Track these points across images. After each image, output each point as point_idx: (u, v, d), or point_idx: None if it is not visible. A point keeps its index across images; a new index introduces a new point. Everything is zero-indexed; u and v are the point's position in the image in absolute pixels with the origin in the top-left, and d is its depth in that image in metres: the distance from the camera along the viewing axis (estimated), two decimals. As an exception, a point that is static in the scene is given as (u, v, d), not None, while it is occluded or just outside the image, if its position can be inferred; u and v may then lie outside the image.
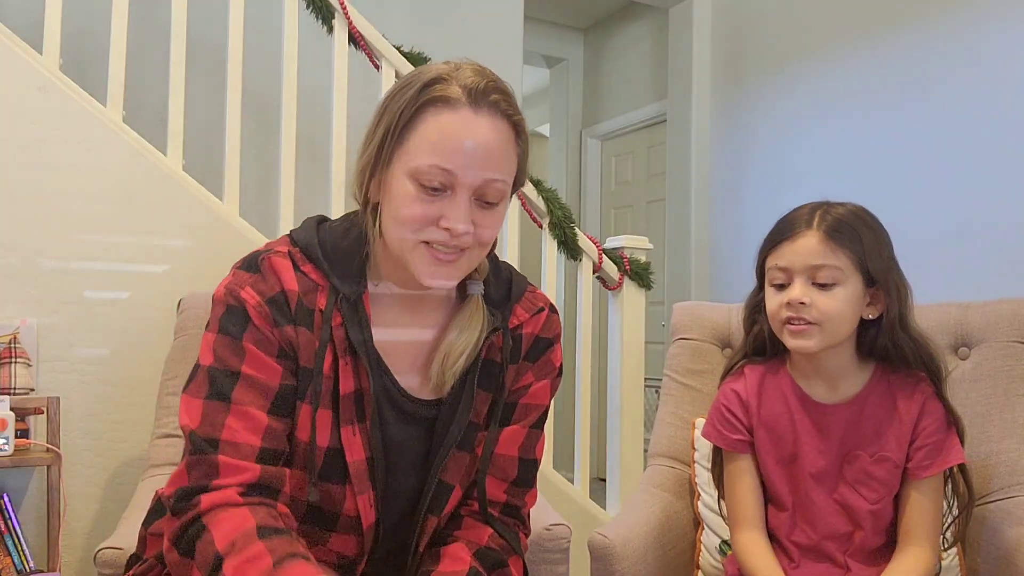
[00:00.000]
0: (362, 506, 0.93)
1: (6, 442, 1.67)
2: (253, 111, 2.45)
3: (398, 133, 0.88)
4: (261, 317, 0.89)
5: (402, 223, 0.88)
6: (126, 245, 1.96)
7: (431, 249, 0.89)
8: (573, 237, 2.57)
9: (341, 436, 0.91)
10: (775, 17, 3.74)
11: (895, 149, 3.19)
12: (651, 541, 1.41)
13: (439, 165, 0.86)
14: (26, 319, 1.85)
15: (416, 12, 3.24)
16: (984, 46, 2.92)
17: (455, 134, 0.87)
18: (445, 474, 0.97)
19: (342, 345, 0.91)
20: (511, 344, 0.99)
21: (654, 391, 3.85)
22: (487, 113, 0.88)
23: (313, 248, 0.93)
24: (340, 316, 0.91)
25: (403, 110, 0.88)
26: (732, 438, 1.25)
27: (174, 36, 2.10)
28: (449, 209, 0.87)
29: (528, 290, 1.05)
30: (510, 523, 1.02)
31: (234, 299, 0.90)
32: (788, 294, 1.13)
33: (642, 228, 4.62)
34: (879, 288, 1.14)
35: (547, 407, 1.05)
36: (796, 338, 1.14)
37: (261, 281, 0.91)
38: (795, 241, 1.13)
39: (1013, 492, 1.36)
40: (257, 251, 0.94)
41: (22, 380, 1.77)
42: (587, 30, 5.10)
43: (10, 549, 1.71)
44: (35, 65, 1.91)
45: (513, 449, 1.02)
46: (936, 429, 1.16)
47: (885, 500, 1.17)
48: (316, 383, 0.90)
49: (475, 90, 0.88)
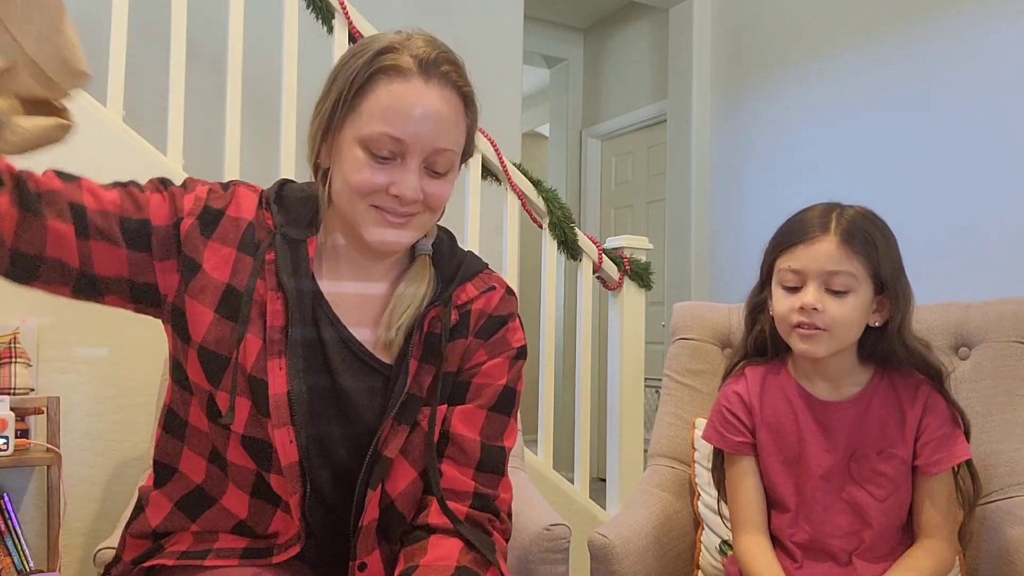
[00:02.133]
0: (280, 441, 0.91)
1: (6, 442, 1.67)
2: (253, 111, 2.45)
3: (349, 99, 0.90)
4: (190, 205, 0.93)
5: (352, 189, 0.90)
6: (126, 245, 1.96)
7: (380, 212, 0.91)
8: (573, 237, 2.57)
9: (268, 368, 0.92)
10: (775, 17, 3.74)
11: (895, 149, 3.19)
12: (651, 541, 1.41)
13: (389, 134, 0.88)
14: (26, 319, 1.85)
15: (416, 12, 3.24)
16: (983, 46, 2.92)
17: (406, 103, 0.88)
18: (382, 445, 0.94)
19: (272, 280, 0.93)
20: (456, 318, 0.99)
21: (654, 391, 3.85)
22: (437, 83, 0.90)
23: (271, 196, 0.97)
24: (273, 254, 0.93)
25: (354, 77, 0.90)
26: (734, 440, 1.24)
27: (174, 36, 2.10)
28: (399, 176, 0.89)
29: (483, 271, 1.04)
30: (482, 520, 0.97)
31: (190, 181, 0.95)
32: (801, 298, 1.12)
33: (642, 228, 4.62)
34: (886, 295, 1.14)
35: (506, 388, 1.01)
36: (805, 343, 1.13)
37: (219, 196, 0.95)
38: (811, 245, 1.12)
39: (1013, 492, 1.36)
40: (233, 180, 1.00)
41: (22, 380, 1.77)
42: (587, 30, 5.10)
43: (10, 549, 1.71)
44: (35, 65, 1.91)
45: (473, 431, 0.99)
46: (941, 424, 1.16)
47: (893, 498, 1.17)
48: (246, 308, 0.91)
49: (426, 60, 0.90)
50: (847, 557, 1.18)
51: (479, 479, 0.98)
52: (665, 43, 4.32)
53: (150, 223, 0.91)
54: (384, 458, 0.95)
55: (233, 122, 2.15)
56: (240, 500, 0.96)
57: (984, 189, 2.89)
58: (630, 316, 2.69)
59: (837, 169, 3.40)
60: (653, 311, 3.59)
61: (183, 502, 0.99)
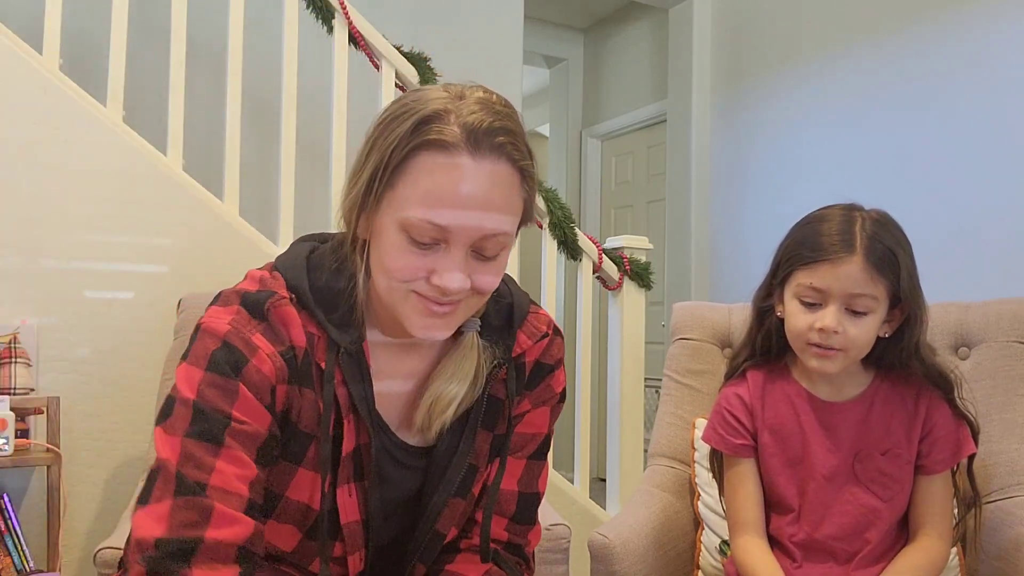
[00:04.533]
0: (352, 564, 0.89)
1: (6, 442, 1.67)
2: (253, 111, 2.45)
3: (388, 175, 0.77)
4: (275, 368, 0.80)
5: (390, 274, 0.79)
6: (126, 245, 1.97)
7: (423, 299, 0.80)
8: (573, 237, 2.57)
9: (337, 496, 0.85)
10: (775, 17, 3.74)
11: (895, 149, 3.19)
12: (651, 541, 1.41)
13: (431, 220, 0.76)
14: (26, 319, 1.85)
15: (416, 12, 3.24)
16: (984, 46, 2.92)
17: (450, 186, 0.75)
18: (439, 523, 0.90)
19: (345, 403, 0.84)
20: (515, 376, 0.91)
21: (654, 391, 3.85)
22: (489, 159, 0.77)
23: (305, 294, 0.83)
24: (341, 372, 0.83)
25: (394, 149, 0.77)
26: (735, 443, 1.23)
27: (174, 36, 2.10)
28: (442, 264, 0.78)
29: (531, 312, 0.95)
30: (512, 561, 0.96)
31: (241, 341, 0.79)
32: (821, 320, 1.09)
33: (642, 228, 4.62)
34: (900, 308, 1.12)
35: (547, 435, 0.98)
36: (820, 360, 1.12)
37: (270, 331, 0.81)
38: (837, 266, 1.08)
39: (1013, 492, 1.36)
40: (258, 293, 0.83)
41: (22, 380, 1.77)
42: (587, 30, 5.10)
43: (10, 549, 1.71)
44: (35, 65, 1.91)
45: (512, 483, 0.95)
46: (946, 423, 1.16)
47: (899, 497, 1.17)
48: (324, 449, 0.83)
49: (477, 130, 0.76)
50: (848, 558, 1.17)
51: (512, 529, 0.96)
52: (665, 43, 4.32)
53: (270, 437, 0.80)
54: (439, 535, 0.92)
55: (233, 122, 2.15)
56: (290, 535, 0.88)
57: (984, 189, 2.89)
58: (630, 316, 2.69)
59: (837, 169, 3.40)
60: (653, 311, 3.59)
61: None
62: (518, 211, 0.82)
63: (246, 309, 0.82)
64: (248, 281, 0.86)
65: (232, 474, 0.75)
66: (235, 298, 0.83)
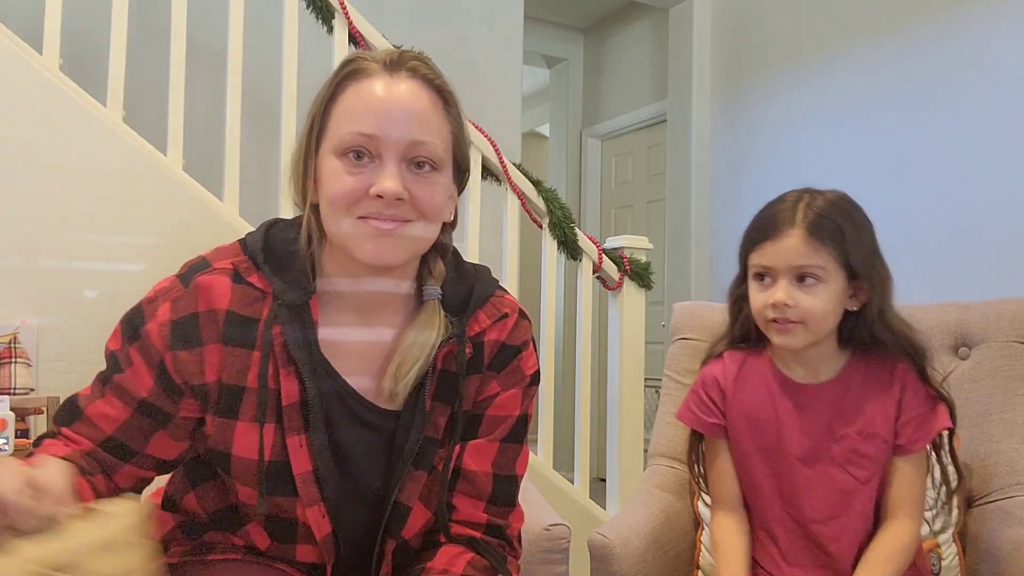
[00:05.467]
0: (313, 518, 0.90)
1: (6, 442, 1.67)
2: (253, 111, 2.45)
3: (321, 117, 0.88)
4: (160, 337, 0.88)
5: (335, 202, 0.86)
6: (126, 245, 1.96)
7: (367, 221, 0.85)
8: (573, 237, 2.57)
9: (287, 447, 0.88)
10: (775, 17, 3.74)
11: (895, 149, 3.19)
12: (651, 541, 1.41)
13: (359, 131, 0.85)
14: (26, 319, 1.85)
15: (416, 12, 3.24)
16: (984, 46, 2.92)
17: (373, 98, 0.86)
18: (402, 494, 0.92)
19: (283, 355, 0.88)
20: (470, 352, 0.94)
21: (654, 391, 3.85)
22: (405, 77, 0.88)
23: (258, 255, 0.91)
24: (279, 325, 0.88)
25: (323, 94, 0.88)
26: (708, 421, 1.25)
27: (174, 36, 2.10)
28: (377, 175, 0.85)
29: (495, 295, 0.98)
30: (493, 544, 0.96)
31: (150, 308, 0.90)
32: (772, 296, 1.12)
33: (642, 228, 4.62)
34: (862, 280, 1.13)
35: (521, 417, 0.98)
36: (782, 336, 1.14)
37: (184, 298, 0.89)
38: (778, 241, 1.12)
39: (1013, 492, 1.36)
40: (202, 259, 0.93)
41: (22, 380, 1.77)
42: (587, 30, 5.10)
43: (10, 549, 1.71)
44: (35, 65, 1.91)
45: (486, 464, 0.96)
46: (920, 402, 1.16)
47: (875, 478, 1.17)
48: (262, 397, 0.87)
49: (391, 60, 0.88)
50: (830, 541, 1.18)
51: (491, 511, 0.96)
52: (665, 43, 4.32)
53: (146, 400, 0.89)
54: (403, 506, 0.93)
55: (233, 122, 2.15)
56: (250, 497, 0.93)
57: (984, 189, 2.89)
58: (630, 316, 2.69)
59: (837, 169, 3.40)
60: (653, 311, 3.59)
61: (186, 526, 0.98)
62: (446, 130, 0.90)
63: (179, 279, 0.92)
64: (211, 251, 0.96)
65: (100, 412, 0.89)
66: (183, 268, 0.94)
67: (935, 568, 1.34)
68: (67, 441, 0.89)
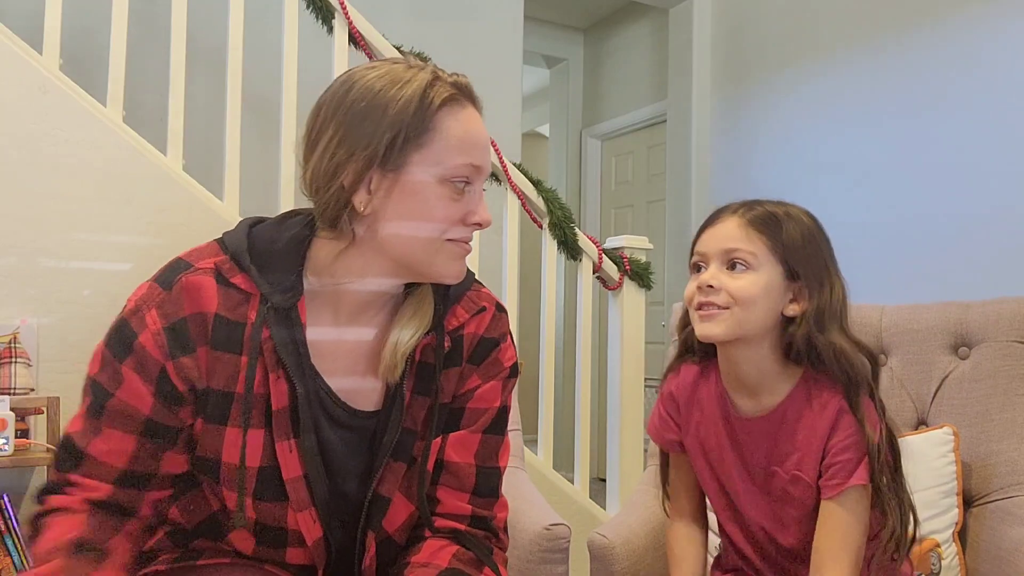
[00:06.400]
0: (304, 523, 0.90)
1: (6, 442, 1.67)
2: (253, 111, 2.45)
3: (417, 136, 0.84)
4: (156, 347, 0.85)
5: (434, 226, 0.87)
6: (126, 245, 1.97)
7: (458, 244, 0.89)
8: (573, 237, 2.57)
9: (276, 453, 0.88)
10: (775, 17, 3.74)
11: (895, 148, 3.19)
12: (651, 541, 1.41)
13: (472, 163, 0.87)
14: (26, 319, 1.85)
15: (416, 12, 3.24)
16: (984, 47, 2.92)
17: (474, 130, 0.88)
18: (381, 486, 0.92)
19: (272, 359, 0.87)
20: (448, 345, 0.94)
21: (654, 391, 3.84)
22: (476, 107, 0.91)
23: (243, 256, 0.88)
24: (268, 328, 0.87)
25: (418, 109, 0.84)
26: (667, 437, 1.24)
27: (174, 36, 2.11)
28: (473, 204, 0.89)
29: (472, 289, 0.99)
30: (480, 536, 0.96)
31: (137, 320, 0.86)
32: (700, 277, 1.10)
33: (642, 228, 4.62)
34: (803, 284, 1.08)
35: (501, 409, 0.99)
36: (704, 323, 1.09)
37: (169, 302, 0.86)
38: (714, 226, 1.11)
39: (1013, 492, 1.36)
40: (179, 260, 0.89)
41: (22, 380, 1.77)
42: (587, 30, 5.10)
43: (10, 549, 1.72)
44: (35, 65, 1.91)
45: (468, 456, 0.96)
46: (846, 447, 1.07)
47: (811, 517, 1.11)
48: (247, 403, 0.86)
49: (463, 86, 0.89)
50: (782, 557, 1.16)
51: (476, 503, 0.97)
52: (665, 43, 4.31)
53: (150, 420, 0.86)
54: (382, 498, 0.93)
55: (233, 122, 2.15)
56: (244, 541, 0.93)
57: (984, 189, 2.89)
58: (630, 316, 2.69)
59: (837, 169, 3.40)
60: (653, 311, 3.59)
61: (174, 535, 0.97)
62: None
63: (158, 282, 0.88)
64: (186, 252, 0.92)
65: (105, 450, 0.86)
66: (158, 272, 0.90)
67: (935, 568, 1.34)
68: (79, 490, 0.85)
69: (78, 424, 0.89)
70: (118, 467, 0.86)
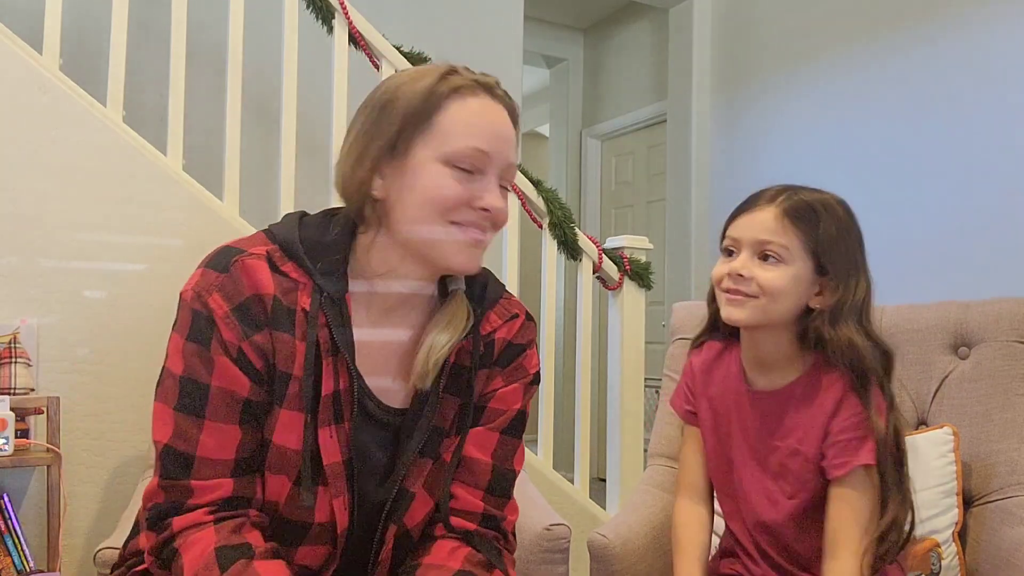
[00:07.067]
0: (338, 509, 0.91)
1: (6, 442, 1.67)
2: (253, 111, 2.45)
3: (422, 121, 0.88)
4: (228, 329, 0.86)
5: (435, 204, 0.87)
6: (126, 245, 1.97)
7: (463, 228, 0.89)
8: (573, 237, 2.57)
9: (318, 438, 0.89)
10: (775, 18, 3.74)
11: (895, 148, 3.19)
12: (651, 541, 1.41)
13: (478, 147, 0.88)
14: (26, 319, 1.85)
15: (416, 12, 3.24)
16: (984, 47, 2.92)
17: (488, 117, 0.89)
18: (407, 480, 0.94)
19: (326, 345, 0.89)
20: (482, 349, 0.97)
21: (654, 391, 3.85)
22: (499, 102, 0.92)
23: (295, 245, 0.90)
24: (324, 315, 0.89)
25: (425, 98, 0.88)
26: (684, 408, 1.29)
27: (174, 36, 2.10)
28: (483, 190, 0.89)
29: (504, 297, 1.02)
30: (489, 537, 0.97)
31: (201, 305, 0.87)
32: (731, 264, 1.12)
33: (642, 228, 4.62)
34: (829, 279, 1.10)
35: (519, 412, 1.01)
36: (730, 307, 1.12)
37: (230, 283, 0.87)
38: (751, 214, 1.12)
39: (1013, 492, 1.36)
40: (229, 247, 0.91)
41: (22, 380, 1.77)
42: (587, 30, 5.10)
43: (10, 549, 1.72)
44: (35, 65, 1.91)
45: (485, 454, 0.98)
46: (850, 426, 1.10)
47: (802, 497, 1.13)
48: (306, 386, 0.88)
49: (484, 82, 0.91)
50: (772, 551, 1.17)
51: (489, 501, 0.98)
52: (665, 43, 4.32)
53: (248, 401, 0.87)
54: (408, 492, 0.95)
55: (233, 122, 2.15)
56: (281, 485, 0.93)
57: (984, 189, 2.89)
58: (630, 316, 2.69)
59: (837, 168, 3.40)
60: (653, 311, 3.59)
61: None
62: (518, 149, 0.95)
63: (211, 267, 0.89)
64: (232, 241, 0.93)
65: (213, 444, 0.86)
66: (206, 259, 0.90)
67: (935, 567, 1.34)
68: (200, 495, 0.85)
69: (167, 429, 0.86)
70: (230, 459, 0.86)
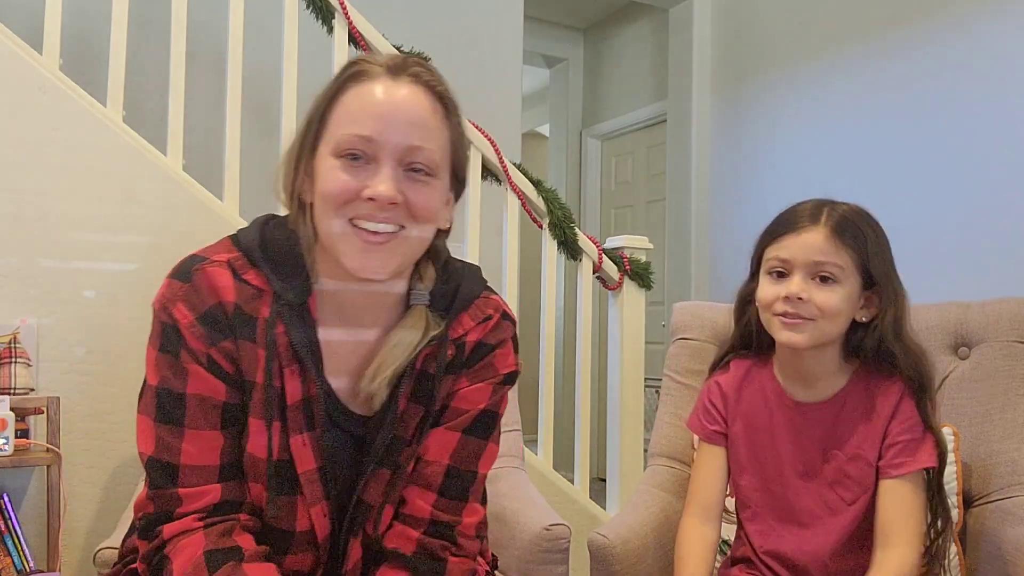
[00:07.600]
0: (316, 517, 0.90)
1: (6, 442, 1.67)
2: (253, 111, 2.45)
3: (320, 116, 0.87)
4: (195, 338, 0.86)
5: (327, 199, 0.85)
6: (126, 245, 1.96)
7: (359, 231, 0.84)
8: (573, 237, 2.57)
9: (291, 446, 0.88)
10: (775, 17, 3.74)
11: (895, 149, 3.19)
12: (651, 541, 1.41)
13: (357, 133, 0.84)
14: (26, 319, 1.85)
15: (416, 12, 3.24)
16: (984, 47, 2.92)
17: (373, 100, 0.85)
18: (365, 492, 0.92)
19: (287, 353, 0.87)
20: (451, 354, 0.93)
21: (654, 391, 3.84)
22: (407, 82, 0.87)
23: (255, 252, 0.89)
24: (283, 324, 0.87)
25: (326, 93, 0.88)
26: (709, 428, 1.26)
27: (174, 36, 2.10)
28: (370, 177, 0.84)
29: (480, 296, 0.97)
30: (434, 547, 0.92)
31: (167, 316, 0.86)
32: (787, 287, 1.10)
33: (642, 228, 4.62)
34: (875, 291, 1.12)
35: (485, 412, 0.96)
36: (788, 331, 1.11)
37: (193, 293, 0.86)
38: (800, 235, 1.11)
39: (1013, 492, 1.36)
40: (193, 256, 0.90)
41: (22, 380, 1.77)
42: (587, 30, 5.09)
43: (10, 549, 1.71)
44: (35, 65, 1.91)
45: (442, 455, 0.94)
46: (908, 428, 1.13)
47: (862, 501, 1.15)
48: (268, 395, 0.86)
49: (394, 64, 0.88)
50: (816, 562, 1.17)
51: (439, 505, 0.93)
52: (665, 43, 4.31)
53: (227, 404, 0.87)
54: (365, 504, 0.92)
55: (233, 122, 2.15)
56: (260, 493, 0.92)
57: (984, 189, 2.89)
58: (630, 316, 2.69)
59: (837, 169, 3.40)
60: (653, 311, 3.59)
61: None
62: (442, 141, 0.88)
63: (175, 277, 0.88)
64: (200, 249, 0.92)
65: (196, 452, 0.86)
66: (173, 269, 0.90)
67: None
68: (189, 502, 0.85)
69: (150, 441, 0.87)
70: (215, 465, 0.86)
